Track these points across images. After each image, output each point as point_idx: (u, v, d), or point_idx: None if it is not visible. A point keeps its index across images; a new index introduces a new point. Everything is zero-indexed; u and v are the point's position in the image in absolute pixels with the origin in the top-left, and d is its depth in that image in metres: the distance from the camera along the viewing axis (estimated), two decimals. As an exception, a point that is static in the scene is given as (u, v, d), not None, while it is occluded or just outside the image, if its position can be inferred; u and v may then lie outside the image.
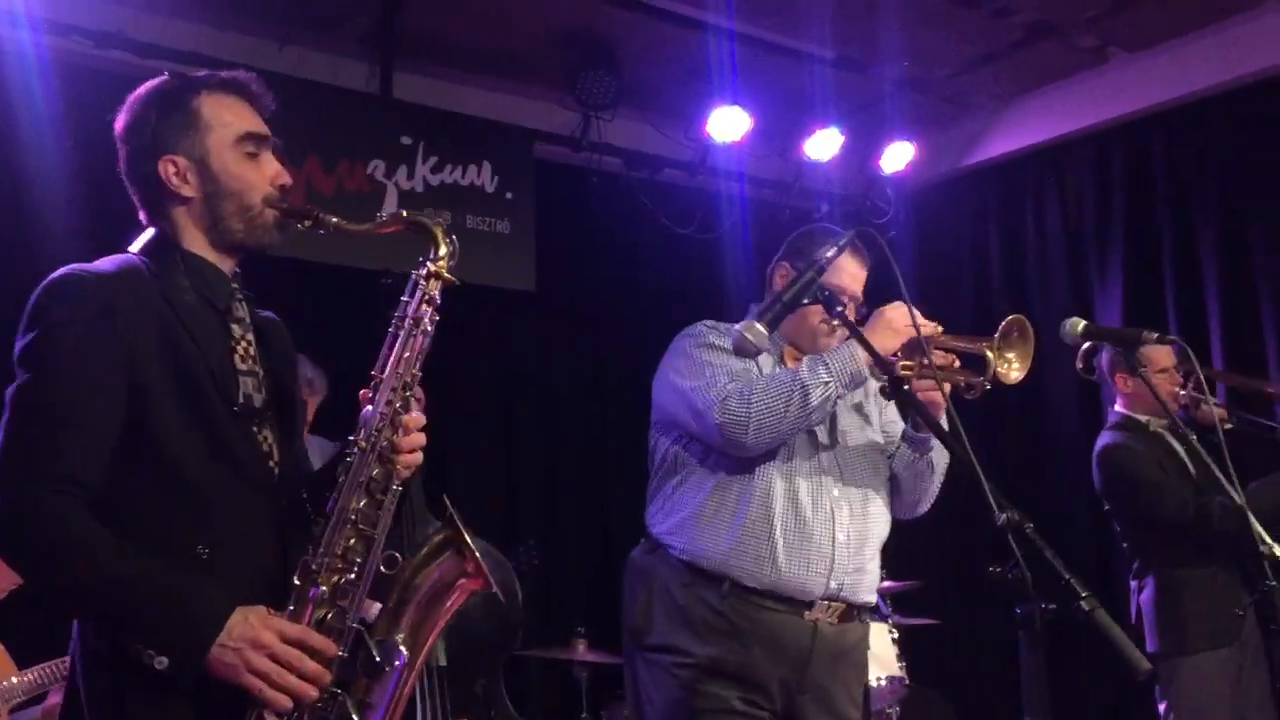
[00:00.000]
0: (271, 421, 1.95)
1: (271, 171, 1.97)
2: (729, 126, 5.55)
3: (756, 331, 2.35)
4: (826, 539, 2.72)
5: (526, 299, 5.48)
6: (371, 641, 1.86)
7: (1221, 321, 5.28)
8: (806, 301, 2.49)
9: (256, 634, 1.72)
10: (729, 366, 2.74)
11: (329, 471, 1.96)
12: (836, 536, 2.73)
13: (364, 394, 1.95)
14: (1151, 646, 3.89)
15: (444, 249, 1.98)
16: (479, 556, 1.94)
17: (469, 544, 1.94)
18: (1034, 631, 1.90)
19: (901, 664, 4.71)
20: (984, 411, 3.07)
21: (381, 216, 2.04)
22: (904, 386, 2.36)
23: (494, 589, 1.96)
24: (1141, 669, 1.86)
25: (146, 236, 1.96)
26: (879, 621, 4.65)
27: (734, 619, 2.69)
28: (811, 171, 6.28)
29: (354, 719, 1.82)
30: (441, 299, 1.98)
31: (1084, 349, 4.15)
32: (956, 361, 2.71)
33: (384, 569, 1.89)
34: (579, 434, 5.84)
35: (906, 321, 2.58)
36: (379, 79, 5.17)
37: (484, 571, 1.94)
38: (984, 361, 2.61)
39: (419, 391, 1.97)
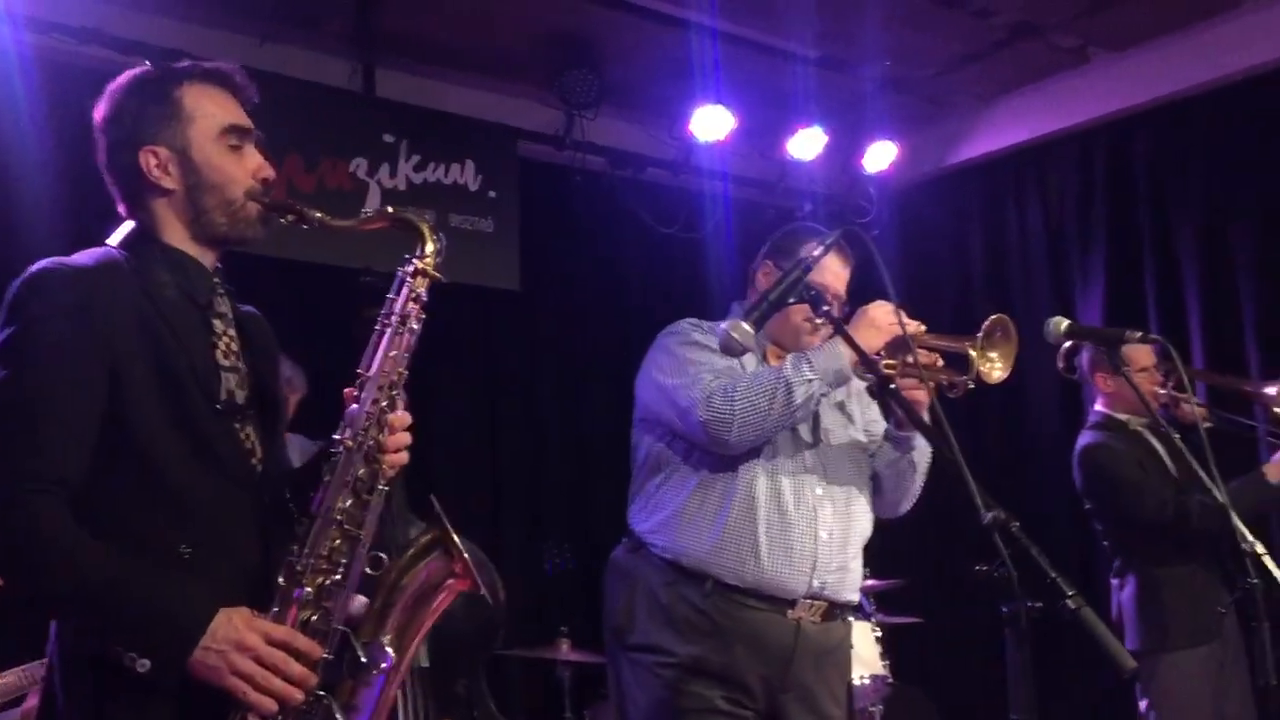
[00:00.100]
0: (254, 419, 1.92)
1: (254, 165, 1.94)
2: (712, 125, 5.54)
3: (743, 330, 2.35)
4: (809, 537, 2.72)
5: (510, 298, 5.46)
6: (357, 643, 1.83)
7: (1202, 321, 5.30)
8: (793, 300, 2.49)
9: (241, 636, 1.69)
10: (713, 364, 2.74)
11: (312, 470, 1.92)
12: (819, 535, 2.73)
13: (349, 392, 1.92)
14: (1132, 644, 3.89)
15: (431, 246, 1.95)
16: (466, 557, 1.93)
17: (457, 544, 1.92)
18: (1020, 630, 1.91)
19: (885, 662, 4.72)
20: (965, 411, 3.08)
21: (366, 213, 2.02)
22: (890, 385, 2.37)
23: (482, 590, 1.94)
24: (1127, 666, 1.89)
25: (126, 229, 1.91)
26: (862, 620, 4.65)
27: (717, 618, 2.68)
28: (795, 171, 6.27)
29: (338, 721, 1.80)
30: (428, 297, 1.95)
31: (1065, 348, 4.16)
32: (940, 360, 2.71)
33: (370, 570, 1.87)
34: (563, 433, 5.82)
35: (890, 320, 2.58)
36: (361, 76, 5.14)
37: (472, 572, 1.93)
38: (967, 360, 2.61)
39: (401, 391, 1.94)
